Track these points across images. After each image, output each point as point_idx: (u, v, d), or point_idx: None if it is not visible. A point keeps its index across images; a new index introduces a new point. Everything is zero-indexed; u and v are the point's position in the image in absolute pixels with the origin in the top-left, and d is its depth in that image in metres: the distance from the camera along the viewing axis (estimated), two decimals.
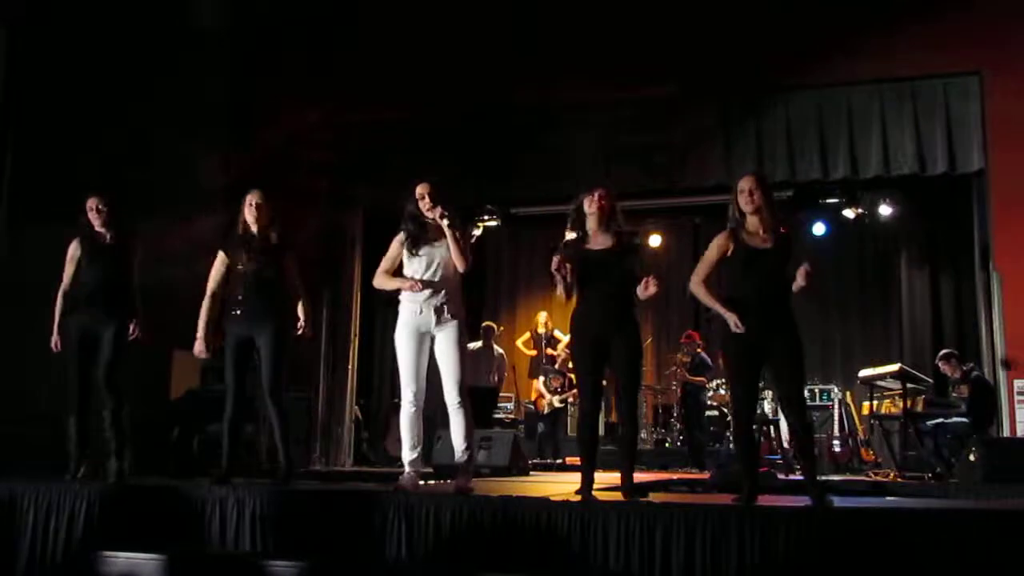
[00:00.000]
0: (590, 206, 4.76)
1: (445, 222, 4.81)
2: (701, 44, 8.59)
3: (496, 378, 10.30)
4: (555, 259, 4.70)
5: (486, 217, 10.99)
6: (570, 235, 4.87)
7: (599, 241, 4.76)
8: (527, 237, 12.31)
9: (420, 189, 4.91)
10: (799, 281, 4.33)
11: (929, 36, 8.17)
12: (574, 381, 10.44)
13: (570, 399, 10.18)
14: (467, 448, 4.85)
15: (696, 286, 4.54)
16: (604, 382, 4.85)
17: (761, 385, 5.63)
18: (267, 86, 9.62)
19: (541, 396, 10.16)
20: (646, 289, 4.56)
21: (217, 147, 9.39)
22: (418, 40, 9.14)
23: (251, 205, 5.23)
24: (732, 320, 4.34)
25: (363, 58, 9.35)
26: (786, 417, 5.16)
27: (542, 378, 10.27)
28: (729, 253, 4.50)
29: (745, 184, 4.48)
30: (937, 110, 8.19)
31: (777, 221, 4.47)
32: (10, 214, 7.23)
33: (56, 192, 7.25)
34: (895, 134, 8.26)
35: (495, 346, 10.40)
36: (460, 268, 4.85)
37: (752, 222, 4.47)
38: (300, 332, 5.32)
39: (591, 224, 4.78)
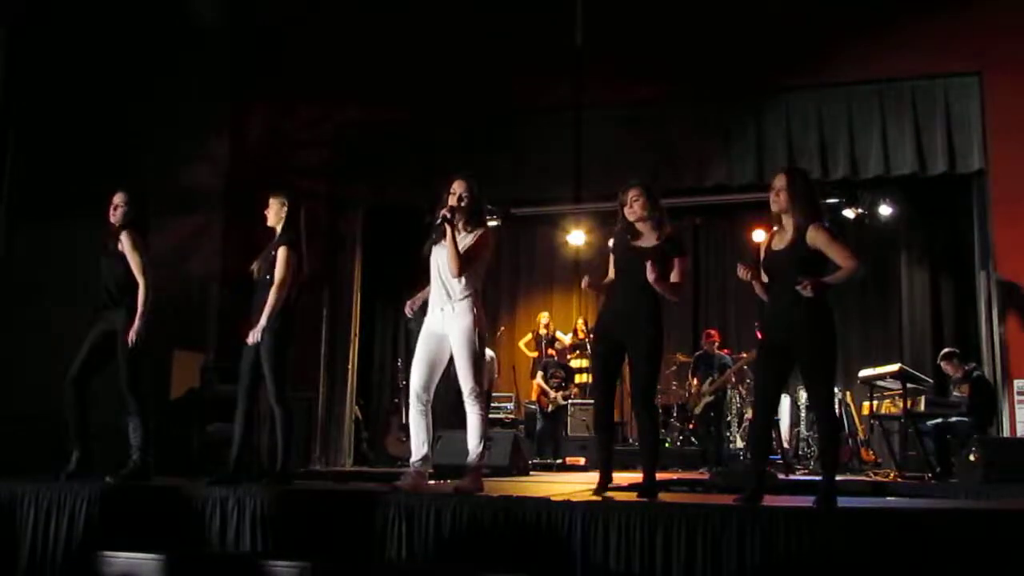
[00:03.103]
0: (628, 213, 4.73)
1: (446, 227, 4.74)
2: (701, 44, 8.60)
3: (486, 383, 10.27)
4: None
5: (486, 217, 10.97)
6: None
7: (643, 238, 4.72)
8: (527, 237, 12.31)
9: (456, 186, 4.87)
10: (802, 291, 4.11)
11: (929, 36, 8.18)
12: (575, 378, 10.48)
13: (573, 394, 10.16)
14: (477, 447, 4.81)
15: (757, 288, 4.50)
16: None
17: None
18: (267, 86, 9.62)
19: (543, 394, 10.15)
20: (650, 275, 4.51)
21: (217, 147, 9.41)
22: (418, 40, 9.15)
23: (269, 209, 5.27)
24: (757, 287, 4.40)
25: (363, 58, 9.35)
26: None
27: (541, 374, 10.25)
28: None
29: (776, 183, 4.35)
30: (937, 110, 8.19)
31: (808, 219, 4.25)
32: (10, 214, 7.23)
33: (56, 192, 7.26)
34: (895, 134, 8.26)
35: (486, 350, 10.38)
36: (452, 273, 4.75)
37: (785, 221, 4.36)
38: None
39: (638, 225, 4.74)
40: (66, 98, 7.57)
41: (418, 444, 4.84)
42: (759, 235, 10.15)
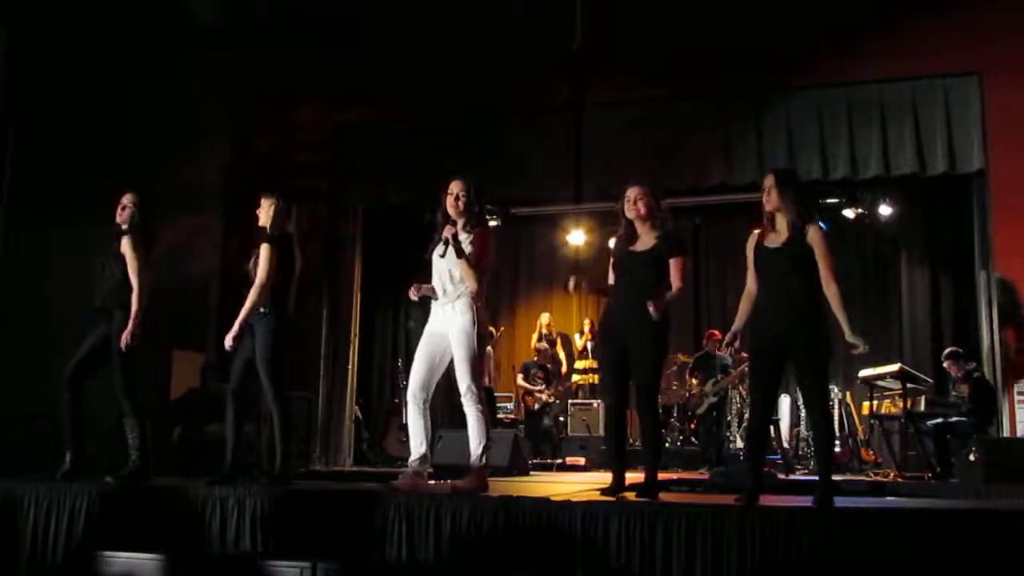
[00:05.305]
0: (628, 210, 4.73)
1: (451, 247, 4.75)
2: (701, 44, 8.59)
3: (487, 379, 10.33)
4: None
5: (486, 217, 10.98)
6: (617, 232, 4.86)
7: (642, 241, 4.72)
8: (527, 237, 12.30)
9: (452, 186, 4.87)
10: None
11: (929, 36, 8.17)
12: (558, 376, 10.54)
13: (557, 392, 10.23)
14: (478, 447, 4.77)
15: (744, 295, 4.54)
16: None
17: None
18: (267, 86, 9.62)
19: (527, 394, 10.18)
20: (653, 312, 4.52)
21: (217, 147, 9.41)
22: (418, 40, 9.14)
23: (261, 209, 5.26)
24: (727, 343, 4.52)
25: (363, 58, 9.35)
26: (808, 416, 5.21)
27: (521, 376, 10.28)
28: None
29: (766, 182, 4.45)
30: (937, 110, 8.19)
31: (800, 219, 4.35)
32: (9, 214, 7.22)
33: (56, 192, 7.26)
34: (895, 134, 8.26)
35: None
36: (471, 288, 4.78)
37: (778, 221, 4.42)
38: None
39: (636, 225, 4.74)
40: (66, 98, 7.57)
41: (416, 444, 4.83)
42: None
